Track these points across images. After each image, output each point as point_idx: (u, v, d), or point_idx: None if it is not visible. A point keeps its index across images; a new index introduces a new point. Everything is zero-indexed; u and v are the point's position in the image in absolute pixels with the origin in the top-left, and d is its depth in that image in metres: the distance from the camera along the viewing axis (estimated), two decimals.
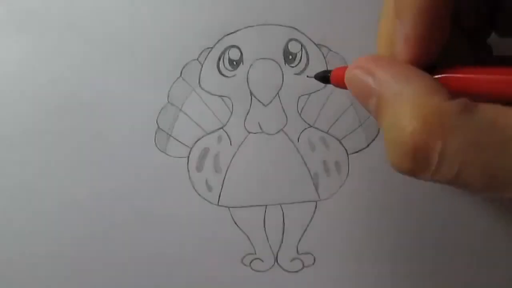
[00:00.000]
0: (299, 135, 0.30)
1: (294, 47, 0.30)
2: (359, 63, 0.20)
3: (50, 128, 0.30)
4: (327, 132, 0.30)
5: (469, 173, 0.17)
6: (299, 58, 0.30)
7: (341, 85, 0.24)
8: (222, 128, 0.30)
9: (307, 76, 0.29)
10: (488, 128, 0.16)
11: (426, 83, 0.17)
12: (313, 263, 0.29)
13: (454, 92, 0.17)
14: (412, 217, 0.29)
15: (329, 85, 0.30)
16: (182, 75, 0.30)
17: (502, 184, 0.17)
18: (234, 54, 0.30)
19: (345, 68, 0.24)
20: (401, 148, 0.17)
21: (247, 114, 0.30)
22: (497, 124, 0.16)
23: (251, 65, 0.30)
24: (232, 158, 0.30)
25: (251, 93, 0.30)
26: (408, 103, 0.17)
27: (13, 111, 0.30)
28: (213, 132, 0.30)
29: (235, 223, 0.29)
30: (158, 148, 0.30)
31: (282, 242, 0.29)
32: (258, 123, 0.30)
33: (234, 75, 0.30)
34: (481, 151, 0.16)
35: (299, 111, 0.30)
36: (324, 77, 0.25)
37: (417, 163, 0.17)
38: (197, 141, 0.30)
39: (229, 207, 0.29)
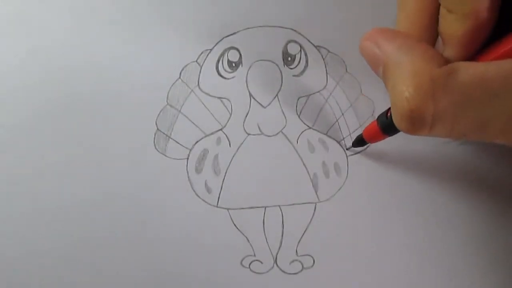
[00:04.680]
0: (298, 137, 0.30)
1: (293, 49, 0.30)
2: (369, 35, 0.22)
3: (49, 129, 0.30)
4: (326, 134, 0.30)
5: (461, 126, 0.19)
6: (298, 60, 0.30)
7: (376, 137, 0.27)
8: (221, 129, 0.30)
9: (347, 149, 0.30)
10: (477, 84, 0.18)
11: (423, 52, 0.20)
12: (312, 265, 0.29)
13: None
14: (411, 218, 0.29)
15: (328, 87, 0.30)
16: (181, 77, 0.30)
17: (492, 134, 0.19)
18: (233, 55, 0.30)
19: (370, 124, 0.27)
20: (400, 111, 0.19)
21: (246, 115, 0.30)
22: (485, 79, 0.18)
23: (250, 67, 0.30)
24: (231, 159, 0.30)
25: (250, 95, 0.30)
26: (405, 72, 0.19)
27: (12, 111, 0.30)
28: (212, 133, 0.30)
29: (234, 224, 0.29)
30: (157, 150, 0.30)
31: (281, 244, 0.29)
32: (257, 124, 0.30)
33: (233, 77, 0.30)
34: (470, 106, 0.19)
35: (298, 113, 0.30)
36: (359, 141, 0.29)
37: (414, 124, 0.19)
38: (196, 143, 0.30)
39: (228, 209, 0.29)
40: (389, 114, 0.25)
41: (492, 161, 0.30)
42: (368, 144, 0.29)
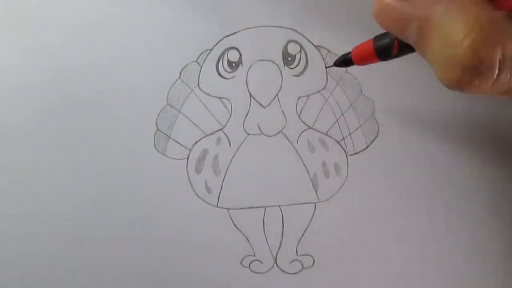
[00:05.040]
0: (298, 137, 0.30)
1: (293, 49, 0.30)
2: None
3: (48, 129, 0.30)
4: (326, 134, 0.30)
5: None
6: (298, 60, 0.30)
7: (367, 59, 0.24)
8: (221, 129, 0.30)
9: (327, 67, 0.29)
10: None
11: None
12: (312, 265, 0.29)
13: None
14: (411, 218, 0.29)
15: (328, 87, 0.30)
16: (181, 77, 0.30)
17: None
18: (233, 55, 0.30)
19: (363, 44, 0.24)
20: (461, 62, 0.17)
21: (246, 115, 0.30)
22: None
23: (250, 67, 0.30)
24: (231, 159, 0.30)
25: (250, 95, 0.30)
26: (460, 17, 0.17)
27: (12, 110, 0.30)
28: (212, 133, 0.30)
29: (234, 224, 0.29)
30: (157, 150, 0.30)
31: (281, 243, 0.29)
32: (257, 124, 0.30)
33: (233, 77, 0.30)
34: None
35: (298, 113, 0.30)
36: (344, 61, 0.26)
37: (478, 74, 0.17)
38: (196, 143, 0.30)
39: (228, 209, 0.29)
40: (395, 44, 0.22)
41: (498, 167, 0.30)
42: (351, 66, 0.27)
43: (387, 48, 0.23)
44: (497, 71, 0.17)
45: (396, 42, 0.22)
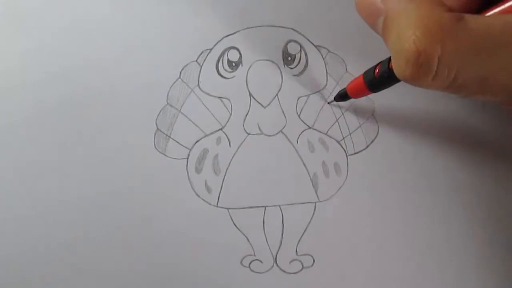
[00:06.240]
0: (298, 137, 0.30)
1: (293, 49, 0.31)
2: None
3: (48, 128, 0.30)
4: (326, 134, 0.30)
5: (464, 76, 0.19)
6: (298, 60, 0.30)
7: (360, 93, 0.28)
8: (221, 129, 0.30)
9: (328, 103, 0.30)
10: (484, 34, 0.19)
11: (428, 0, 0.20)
12: (312, 265, 0.29)
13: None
14: (411, 218, 0.29)
15: (328, 87, 0.30)
16: (181, 77, 0.30)
17: (493, 88, 0.20)
18: (233, 55, 0.30)
19: (355, 80, 0.28)
20: (405, 55, 0.19)
21: (246, 115, 0.30)
22: (493, 31, 0.19)
23: (250, 67, 0.30)
24: (231, 159, 0.30)
25: (250, 95, 0.30)
26: (411, 16, 0.19)
27: (12, 110, 0.30)
28: (212, 133, 0.30)
29: (234, 224, 0.29)
30: (157, 150, 0.30)
31: (281, 243, 0.29)
32: (257, 124, 0.30)
33: (233, 77, 0.30)
34: (476, 55, 0.19)
35: (298, 113, 0.30)
36: (342, 96, 0.29)
37: (419, 68, 0.19)
38: (196, 143, 0.30)
39: (228, 209, 0.29)
40: (377, 71, 0.25)
41: (498, 168, 0.30)
42: (349, 99, 0.29)
43: (375, 81, 0.25)
44: (435, 67, 0.19)
45: (378, 66, 0.25)
